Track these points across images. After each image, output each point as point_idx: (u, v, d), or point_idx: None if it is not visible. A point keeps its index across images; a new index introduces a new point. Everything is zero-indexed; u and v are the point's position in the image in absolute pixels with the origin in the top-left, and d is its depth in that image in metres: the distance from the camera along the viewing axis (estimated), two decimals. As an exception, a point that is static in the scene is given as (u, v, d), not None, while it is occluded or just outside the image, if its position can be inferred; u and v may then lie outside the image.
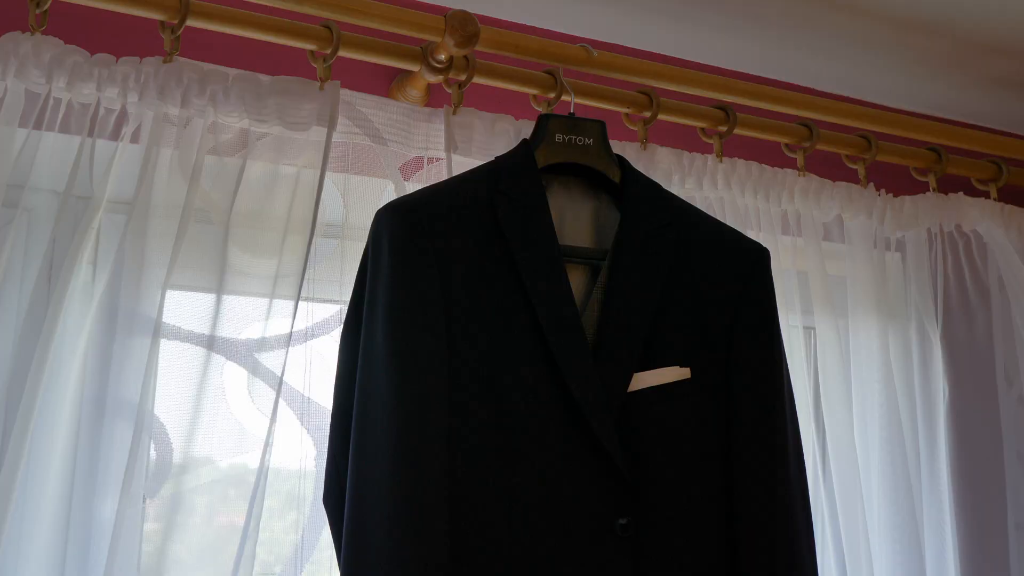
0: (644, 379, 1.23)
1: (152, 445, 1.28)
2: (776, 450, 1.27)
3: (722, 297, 1.30)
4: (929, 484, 1.81)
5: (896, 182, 1.96)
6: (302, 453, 1.39)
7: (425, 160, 1.53)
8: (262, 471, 1.28)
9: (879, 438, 1.74)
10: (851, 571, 1.64)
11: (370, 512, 1.12)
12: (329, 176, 1.43)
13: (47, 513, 1.26)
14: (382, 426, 1.14)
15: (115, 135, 1.33)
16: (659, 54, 1.90)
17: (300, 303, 1.36)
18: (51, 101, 1.29)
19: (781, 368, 1.31)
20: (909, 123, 1.94)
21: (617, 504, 1.17)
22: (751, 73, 1.99)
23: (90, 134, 1.31)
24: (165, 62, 1.34)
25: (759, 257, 1.35)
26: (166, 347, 1.31)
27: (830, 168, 1.89)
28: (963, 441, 1.83)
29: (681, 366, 1.25)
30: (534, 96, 1.60)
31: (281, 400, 1.33)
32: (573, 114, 1.39)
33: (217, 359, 1.32)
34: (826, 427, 1.72)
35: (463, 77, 1.52)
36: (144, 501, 1.26)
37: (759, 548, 1.22)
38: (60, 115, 1.30)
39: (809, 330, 1.81)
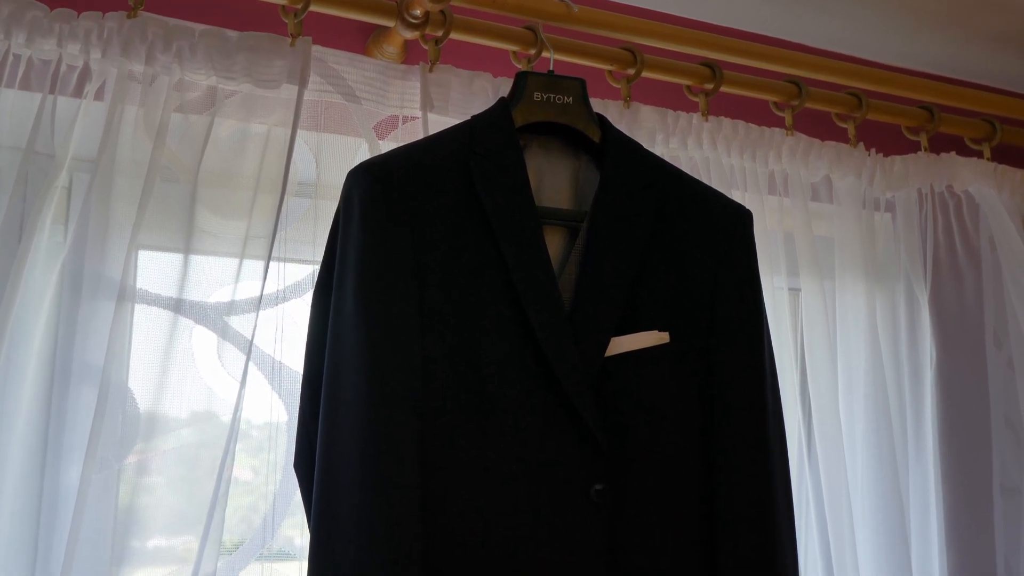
0: (622, 344, 1.21)
1: (118, 410, 1.25)
2: (756, 416, 1.25)
3: (703, 260, 1.28)
4: (914, 447, 1.80)
5: (887, 141, 1.93)
6: (269, 414, 1.38)
7: (400, 119, 1.50)
8: (232, 435, 1.27)
9: (864, 401, 1.73)
10: (833, 535, 1.63)
11: (340, 477, 1.11)
12: (301, 135, 1.41)
13: (12, 478, 1.24)
14: (352, 390, 1.12)
15: (78, 92, 1.30)
16: (643, 8, 1.86)
17: (272, 264, 1.34)
18: (10, 57, 1.26)
19: (762, 332, 1.29)
20: (901, 81, 1.90)
21: (592, 470, 1.16)
22: (738, 29, 1.95)
23: (52, 91, 1.28)
24: (129, 17, 1.31)
25: (741, 219, 1.33)
26: (132, 310, 1.29)
27: (819, 127, 1.86)
28: (950, 404, 1.82)
29: (660, 330, 1.23)
30: (514, 53, 1.56)
31: (251, 364, 1.31)
32: (552, 72, 1.35)
33: (185, 322, 1.30)
34: (810, 390, 1.70)
35: (440, 33, 1.48)
36: (111, 466, 1.25)
37: (736, 512, 1.21)
38: (20, 72, 1.27)
39: (795, 292, 1.78)
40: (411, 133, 1.48)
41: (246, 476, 1.46)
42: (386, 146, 1.45)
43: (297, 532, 1.41)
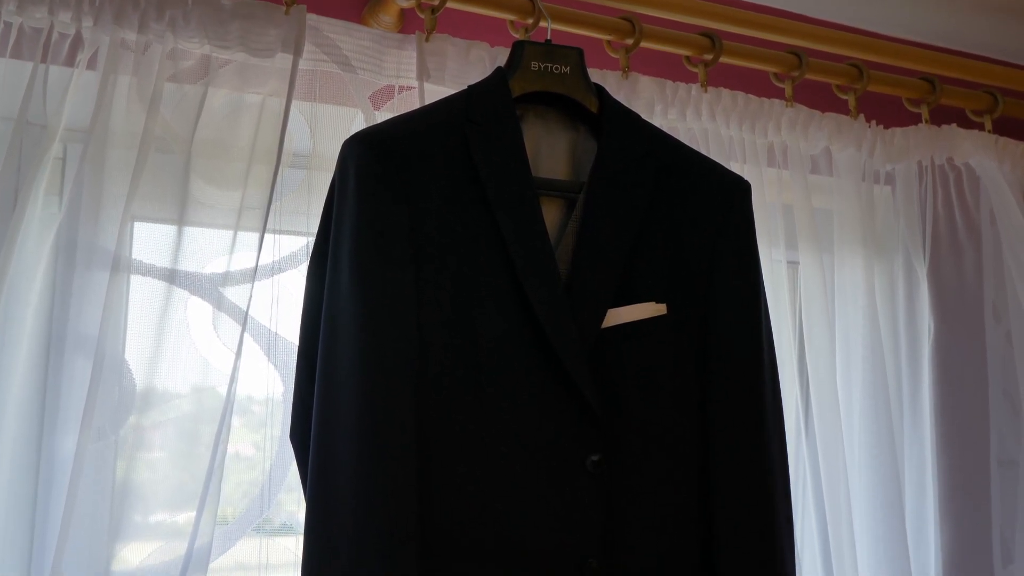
0: (619, 315, 1.20)
1: (114, 380, 1.25)
2: (753, 392, 1.24)
3: (701, 231, 1.27)
4: (912, 421, 1.80)
5: (887, 113, 1.91)
6: (269, 389, 1.37)
7: (396, 89, 1.49)
8: (228, 407, 1.26)
9: (862, 374, 1.73)
10: (830, 509, 1.63)
11: (336, 448, 1.10)
12: (296, 105, 1.39)
13: (7, 447, 1.24)
14: (348, 360, 1.11)
15: (70, 61, 1.29)
16: (644, -22, 1.84)
17: (267, 235, 1.33)
18: (1, 25, 1.25)
19: (759, 303, 1.28)
20: (902, 52, 1.88)
21: (588, 441, 1.15)
22: (739, -1, 1.93)
23: (43, 60, 1.26)
24: (121, -16, 1.29)
25: (740, 190, 1.32)
26: (127, 281, 1.28)
27: (819, 98, 1.85)
28: (948, 378, 1.81)
29: (657, 302, 1.22)
30: (511, 22, 1.55)
31: (247, 335, 1.30)
32: (550, 41, 1.34)
33: (180, 293, 1.29)
34: (808, 363, 1.70)
35: (436, 1, 1.47)
36: (107, 436, 1.24)
37: (732, 492, 1.21)
38: (11, 40, 1.26)
39: (793, 265, 1.78)
40: (407, 103, 1.47)
41: (248, 451, 1.46)
42: (382, 116, 1.44)
43: (298, 507, 1.41)
